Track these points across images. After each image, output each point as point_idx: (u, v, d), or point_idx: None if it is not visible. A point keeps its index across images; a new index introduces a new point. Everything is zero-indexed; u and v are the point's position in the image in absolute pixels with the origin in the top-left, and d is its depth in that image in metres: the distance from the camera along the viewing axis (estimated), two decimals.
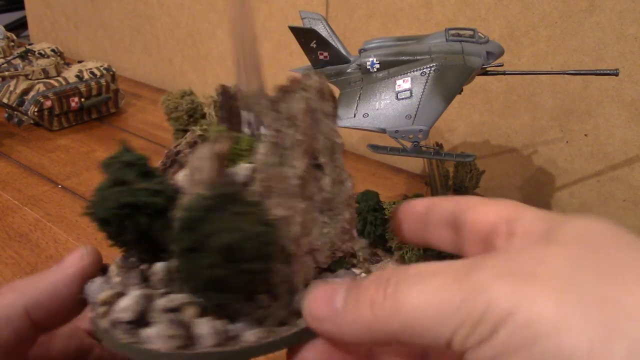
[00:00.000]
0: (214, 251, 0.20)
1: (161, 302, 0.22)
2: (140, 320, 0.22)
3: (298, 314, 0.23)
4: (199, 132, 0.27)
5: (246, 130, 0.27)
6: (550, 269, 0.18)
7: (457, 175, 0.58)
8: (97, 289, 0.24)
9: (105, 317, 0.22)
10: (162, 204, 0.23)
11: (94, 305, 0.24)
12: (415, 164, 0.81)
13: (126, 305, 0.22)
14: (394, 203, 0.58)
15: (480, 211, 0.25)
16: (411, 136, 0.46)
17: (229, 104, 0.27)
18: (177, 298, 0.22)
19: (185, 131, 0.29)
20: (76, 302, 0.25)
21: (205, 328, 0.21)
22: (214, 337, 0.21)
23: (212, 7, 1.01)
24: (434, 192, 0.57)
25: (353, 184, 0.27)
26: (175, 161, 0.27)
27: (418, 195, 0.59)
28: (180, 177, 0.25)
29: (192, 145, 0.26)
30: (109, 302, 0.23)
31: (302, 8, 0.85)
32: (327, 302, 0.21)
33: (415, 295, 0.19)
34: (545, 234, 0.20)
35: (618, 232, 0.20)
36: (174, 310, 0.22)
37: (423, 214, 0.27)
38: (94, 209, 0.23)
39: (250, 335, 0.22)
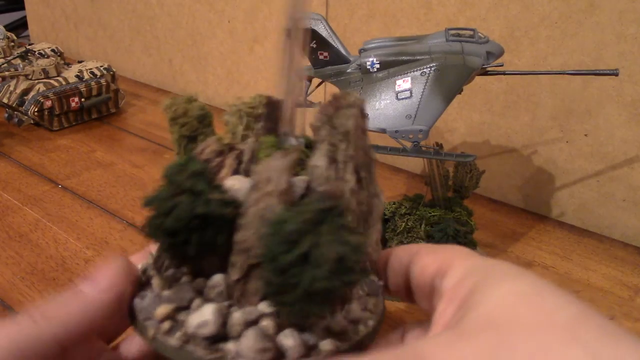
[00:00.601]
0: (323, 263, 0.20)
1: (238, 315, 0.21)
2: (219, 334, 0.21)
3: (354, 321, 0.23)
4: (226, 141, 0.26)
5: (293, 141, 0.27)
6: None
7: (457, 175, 0.58)
8: (151, 305, 0.23)
9: (171, 334, 0.21)
10: (231, 215, 0.22)
11: (150, 321, 0.22)
12: (415, 164, 0.81)
13: (205, 319, 0.21)
14: (393, 203, 0.58)
15: (424, 262, 0.24)
16: (411, 136, 0.46)
17: (274, 115, 0.27)
18: (253, 311, 0.22)
19: (192, 138, 0.28)
20: (114, 325, 0.24)
21: (290, 340, 0.21)
22: (300, 349, 0.21)
23: (212, 7, 1.01)
24: (434, 192, 0.57)
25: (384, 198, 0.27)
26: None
27: (418, 196, 0.59)
28: (231, 186, 0.24)
29: (220, 154, 0.26)
30: (171, 317, 0.22)
31: None
32: None
33: None
34: (467, 303, 0.20)
35: (536, 303, 0.19)
36: (253, 323, 0.21)
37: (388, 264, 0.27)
38: (160, 219, 0.22)
39: (326, 345, 0.21)
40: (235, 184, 0.24)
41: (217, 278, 0.23)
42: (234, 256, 0.22)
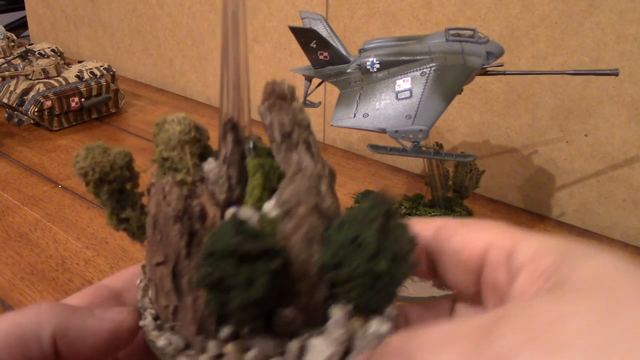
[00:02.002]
0: (399, 260, 0.22)
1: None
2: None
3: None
4: (178, 178, 0.24)
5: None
6: (576, 333, 0.16)
7: (457, 175, 0.58)
8: None
9: None
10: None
11: None
12: (415, 164, 0.81)
13: (330, 353, 0.21)
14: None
15: (465, 236, 0.23)
16: (411, 136, 0.46)
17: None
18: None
19: (121, 190, 0.27)
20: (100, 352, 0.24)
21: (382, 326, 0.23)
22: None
23: (212, 7, 1.01)
24: (434, 192, 0.57)
25: None
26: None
27: (418, 196, 0.59)
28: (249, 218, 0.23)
29: (189, 196, 0.24)
30: None
31: (302, 8, 0.85)
32: None
33: None
34: (555, 274, 0.19)
35: (633, 274, 0.19)
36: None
37: None
38: (235, 295, 0.21)
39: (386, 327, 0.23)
40: (246, 212, 0.23)
41: (288, 312, 0.22)
42: (297, 285, 0.22)
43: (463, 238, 0.23)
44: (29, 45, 1.07)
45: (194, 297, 0.23)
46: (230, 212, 0.24)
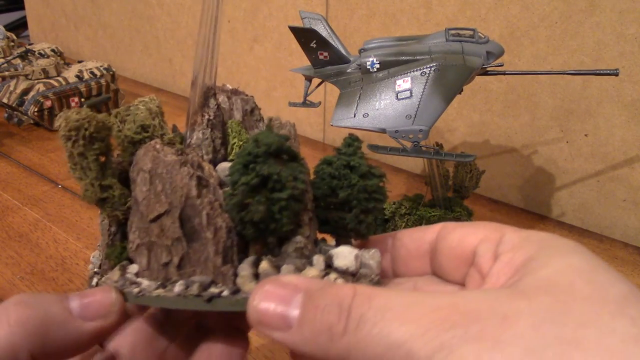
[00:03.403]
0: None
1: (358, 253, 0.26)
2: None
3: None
4: (166, 140, 0.26)
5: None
6: (516, 336, 0.18)
7: (457, 175, 0.58)
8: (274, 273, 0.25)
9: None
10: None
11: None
12: (415, 164, 0.81)
13: (350, 260, 0.25)
14: (394, 203, 0.58)
15: (462, 233, 0.25)
16: (411, 136, 0.46)
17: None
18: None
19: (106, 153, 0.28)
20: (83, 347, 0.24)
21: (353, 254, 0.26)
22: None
23: None
24: (434, 192, 0.57)
25: None
26: None
27: (418, 196, 0.59)
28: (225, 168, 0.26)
29: (180, 152, 0.26)
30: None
31: (302, 8, 0.85)
32: (280, 314, 0.21)
33: (377, 337, 0.19)
34: (524, 269, 0.21)
35: (597, 274, 0.20)
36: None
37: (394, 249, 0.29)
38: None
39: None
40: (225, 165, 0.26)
41: (299, 238, 0.25)
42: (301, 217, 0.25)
43: (460, 234, 0.26)
44: (29, 45, 1.07)
45: (214, 229, 0.24)
46: (222, 164, 0.26)
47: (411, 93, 0.47)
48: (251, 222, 0.23)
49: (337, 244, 0.27)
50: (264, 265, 0.23)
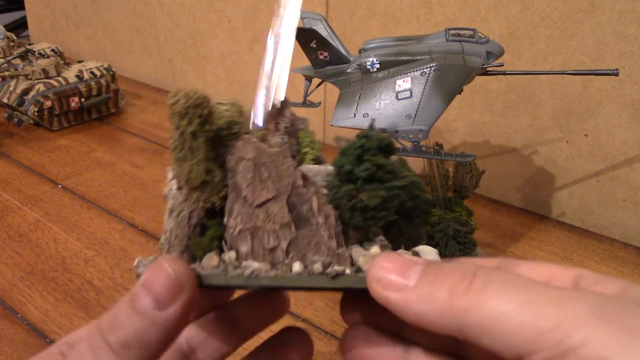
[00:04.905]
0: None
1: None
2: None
3: None
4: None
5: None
6: None
7: (457, 175, 0.58)
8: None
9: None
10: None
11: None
12: (415, 164, 0.81)
13: (434, 256, 0.26)
14: None
15: (528, 267, 0.24)
16: (411, 136, 0.46)
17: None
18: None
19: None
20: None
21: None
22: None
23: (212, 7, 1.01)
24: (434, 192, 0.57)
25: None
26: None
27: None
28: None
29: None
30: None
31: (302, 8, 0.85)
32: (399, 272, 0.21)
33: (502, 301, 0.18)
34: (622, 293, 0.20)
35: None
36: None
37: None
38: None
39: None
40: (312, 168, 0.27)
41: (380, 237, 0.26)
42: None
43: (526, 269, 0.24)
44: (29, 45, 1.07)
45: (325, 216, 0.25)
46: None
47: (411, 93, 0.47)
48: (361, 210, 0.25)
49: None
50: (376, 250, 0.25)
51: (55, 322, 0.53)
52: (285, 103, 0.30)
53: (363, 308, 0.26)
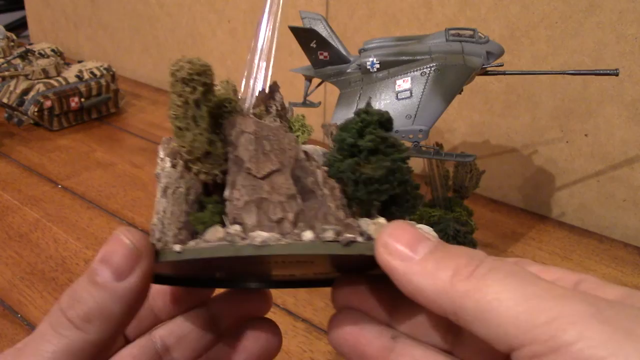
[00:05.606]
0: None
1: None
2: None
3: None
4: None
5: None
6: None
7: (457, 175, 0.58)
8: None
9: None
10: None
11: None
12: (415, 164, 0.81)
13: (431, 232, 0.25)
14: None
15: (539, 269, 0.23)
16: (411, 136, 0.46)
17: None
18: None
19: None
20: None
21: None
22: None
23: (212, 7, 1.01)
24: (434, 192, 0.57)
25: None
26: None
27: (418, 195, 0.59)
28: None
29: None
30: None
31: (302, 8, 0.85)
32: (408, 243, 0.21)
33: (501, 289, 0.18)
34: (623, 299, 0.20)
35: None
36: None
37: None
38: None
39: None
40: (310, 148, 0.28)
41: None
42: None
43: (535, 270, 0.23)
44: (29, 45, 1.07)
45: (330, 188, 0.25)
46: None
47: (411, 93, 0.47)
48: (364, 182, 0.25)
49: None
50: (382, 221, 0.25)
51: None
52: (275, 87, 0.30)
53: (355, 295, 0.26)
